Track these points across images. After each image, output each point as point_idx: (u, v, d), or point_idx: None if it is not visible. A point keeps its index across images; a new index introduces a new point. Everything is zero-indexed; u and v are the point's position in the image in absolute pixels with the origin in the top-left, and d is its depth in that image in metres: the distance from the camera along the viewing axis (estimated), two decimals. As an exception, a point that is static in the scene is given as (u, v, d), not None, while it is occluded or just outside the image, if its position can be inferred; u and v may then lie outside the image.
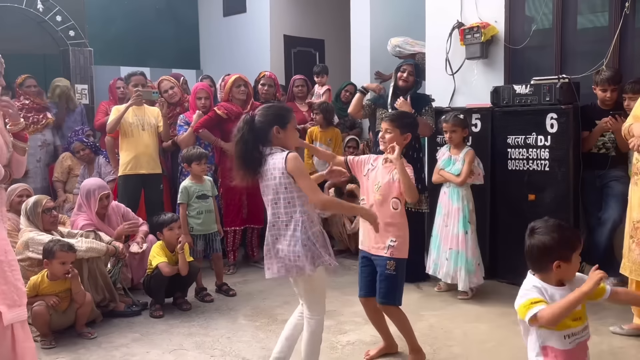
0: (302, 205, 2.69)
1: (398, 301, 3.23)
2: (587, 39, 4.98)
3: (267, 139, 2.72)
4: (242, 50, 8.27)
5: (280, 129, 2.73)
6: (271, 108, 2.83)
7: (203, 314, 4.22)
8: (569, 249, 2.10)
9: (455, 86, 5.53)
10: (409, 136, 3.28)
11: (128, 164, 5.08)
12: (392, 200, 3.15)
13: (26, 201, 4.15)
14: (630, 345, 3.45)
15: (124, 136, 5.11)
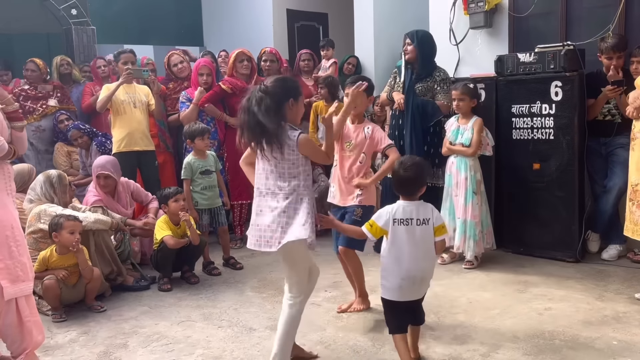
0: (305, 179, 2.73)
1: (359, 247, 3.53)
2: (592, 4, 4.90)
3: (279, 111, 2.67)
4: (245, 26, 8.21)
5: (294, 101, 2.73)
6: (286, 80, 2.82)
7: (211, 287, 4.28)
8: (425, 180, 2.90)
9: (460, 56, 5.48)
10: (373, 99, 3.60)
11: (122, 141, 5.07)
12: (361, 155, 3.56)
13: (47, 173, 4.20)
14: (635, 310, 3.46)
15: (116, 114, 5.09)
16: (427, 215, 2.78)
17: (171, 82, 5.71)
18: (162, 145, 5.56)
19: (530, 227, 4.59)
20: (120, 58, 5.31)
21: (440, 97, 4.70)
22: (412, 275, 2.77)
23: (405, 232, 2.76)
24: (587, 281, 4.01)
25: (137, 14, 8.28)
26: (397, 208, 2.79)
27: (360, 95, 3.34)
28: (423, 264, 2.80)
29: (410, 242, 2.76)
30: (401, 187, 2.83)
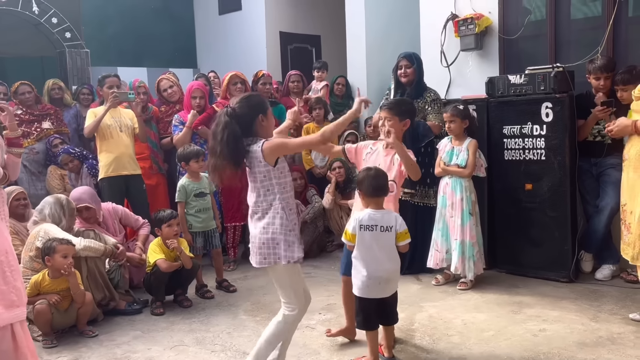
0: (282, 192, 2.74)
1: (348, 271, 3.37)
2: (580, 28, 4.98)
3: (251, 130, 2.74)
4: (238, 48, 8.30)
5: (264, 116, 2.76)
6: (252, 97, 2.84)
7: (204, 311, 4.24)
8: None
9: (451, 78, 5.54)
10: (408, 122, 3.41)
11: (110, 166, 5.05)
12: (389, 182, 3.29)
13: (57, 196, 4.21)
14: (630, 331, 3.46)
15: (102, 139, 5.06)
16: (390, 223, 3.01)
17: (163, 106, 5.73)
18: (154, 167, 5.56)
19: (523, 247, 4.59)
20: (105, 82, 5.29)
21: (432, 118, 4.74)
22: (377, 275, 3.01)
23: (370, 237, 3.00)
24: (581, 301, 4.01)
25: (131, 36, 8.35)
26: (363, 215, 3.02)
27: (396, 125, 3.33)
28: (387, 266, 3.03)
29: (375, 246, 3.01)
30: (375, 192, 3.03)
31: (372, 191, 3.03)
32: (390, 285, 3.07)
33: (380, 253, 3.01)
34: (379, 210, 3.03)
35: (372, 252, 3.01)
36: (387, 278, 3.04)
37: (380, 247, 3.01)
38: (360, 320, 3.13)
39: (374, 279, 3.01)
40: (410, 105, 3.57)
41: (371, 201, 3.05)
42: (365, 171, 3.10)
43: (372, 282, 3.01)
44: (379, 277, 3.01)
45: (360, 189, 3.09)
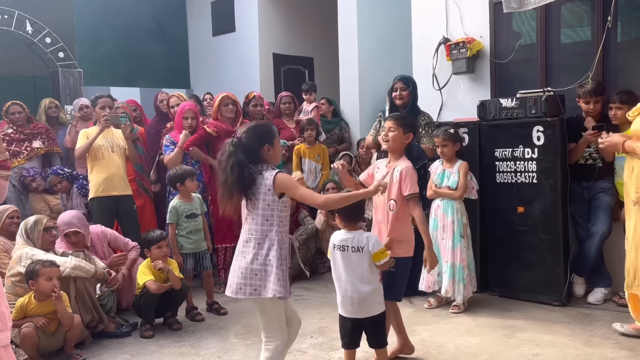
0: (279, 225, 2.72)
1: (395, 297, 3.37)
2: (570, 52, 5.04)
3: (257, 159, 2.74)
4: (232, 69, 8.33)
5: (270, 146, 2.77)
6: (258, 127, 2.83)
7: (194, 334, 4.19)
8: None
9: (443, 101, 5.58)
10: (411, 136, 3.43)
11: (100, 186, 5.00)
12: (389, 201, 3.33)
13: (26, 220, 4.13)
14: (623, 356, 3.44)
15: (93, 159, 5.03)
16: (361, 243, 3.02)
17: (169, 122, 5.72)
18: (140, 189, 5.52)
19: (516, 270, 4.58)
20: (97, 103, 5.28)
21: (426, 141, 4.76)
22: (349, 295, 3.04)
23: (341, 257, 3.05)
24: (574, 325, 3.99)
25: (125, 56, 8.37)
26: (337, 236, 3.10)
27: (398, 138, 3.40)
28: (359, 287, 3.02)
29: (346, 266, 3.05)
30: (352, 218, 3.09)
31: (348, 217, 3.08)
32: (366, 306, 3.06)
33: (351, 274, 3.03)
34: (352, 232, 3.06)
35: (343, 272, 3.05)
36: (359, 299, 3.03)
37: (352, 267, 3.03)
38: (342, 338, 3.20)
39: (346, 298, 3.06)
40: (415, 122, 3.60)
41: (348, 224, 3.09)
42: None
43: (345, 301, 3.07)
44: (351, 297, 3.03)
45: (337, 211, 3.10)
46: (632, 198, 3.53)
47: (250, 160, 2.72)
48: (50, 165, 5.94)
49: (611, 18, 4.47)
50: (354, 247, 3.03)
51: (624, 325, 3.78)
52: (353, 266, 3.03)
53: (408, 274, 3.42)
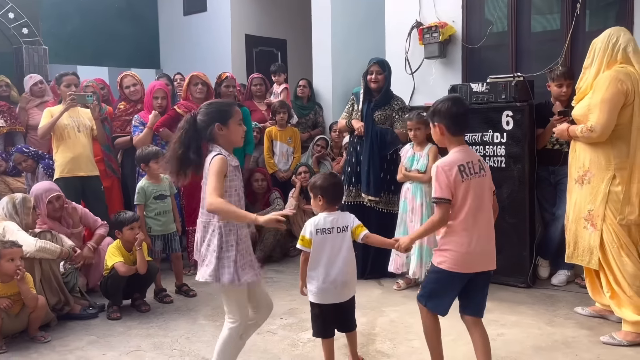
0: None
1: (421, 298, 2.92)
2: (540, 39, 5.12)
3: (211, 137, 2.70)
4: (203, 50, 8.20)
5: (222, 125, 2.70)
6: (212, 105, 2.79)
7: (162, 315, 4.15)
8: None
9: (415, 85, 5.60)
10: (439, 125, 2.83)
11: (66, 166, 4.89)
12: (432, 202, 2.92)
13: (12, 195, 4.08)
14: (583, 335, 3.55)
15: (59, 139, 4.91)
16: (346, 222, 2.99)
17: (122, 103, 5.58)
18: (107, 170, 5.42)
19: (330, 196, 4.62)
20: (62, 80, 5.12)
21: (399, 126, 4.78)
22: (334, 279, 2.94)
23: (327, 240, 2.96)
24: (538, 306, 4.09)
25: (92, 34, 8.15)
26: (319, 219, 3.00)
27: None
28: (344, 268, 2.96)
29: (331, 249, 2.96)
30: (337, 200, 3.06)
31: (333, 199, 3.02)
32: (347, 289, 3.02)
33: (337, 256, 2.96)
34: (333, 213, 3.02)
35: (328, 255, 2.96)
36: (344, 281, 2.98)
37: (337, 249, 2.96)
38: (317, 328, 3.08)
39: (331, 283, 2.94)
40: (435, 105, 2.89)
41: (329, 207, 3.02)
42: (329, 178, 3.06)
43: (328, 286, 2.95)
44: (335, 280, 2.94)
45: (321, 194, 3.01)
46: (574, 177, 3.67)
47: (202, 138, 2.68)
48: (13, 145, 5.78)
49: (580, 5, 4.54)
50: (339, 228, 2.97)
51: (584, 308, 3.89)
52: (338, 247, 2.97)
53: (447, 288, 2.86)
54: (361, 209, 4.71)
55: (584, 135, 3.52)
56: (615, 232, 3.48)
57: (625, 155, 3.46)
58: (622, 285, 3.43)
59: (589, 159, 3.59)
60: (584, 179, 3.62)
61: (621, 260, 3.45)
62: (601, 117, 3.42)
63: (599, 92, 3.45)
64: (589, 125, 3.48)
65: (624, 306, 3.42)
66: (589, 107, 3.51)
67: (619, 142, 3.46)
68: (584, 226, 3.63)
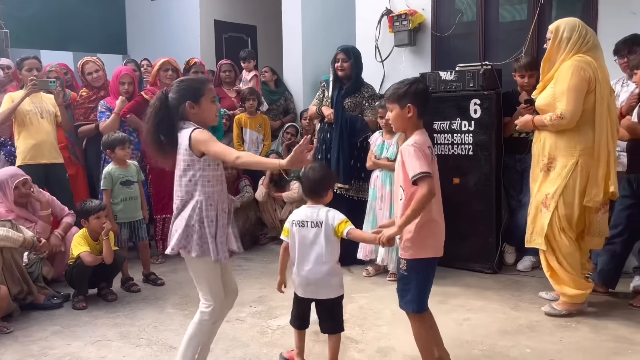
0: (204, 185, 2.61)
1: (409, 306, 2.79)
2: (507, 28, 5.18)
3: (182, 116, 2.65)
4: (171, 35, 8.06)
5: (194, 103, 2.64)
6: (183, 82, 2.73)
7: (129, 304, 4.10)
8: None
9: (385, 73, 5.61)
10: (411, 107, 2.68)
11: (28, 153, 4.74)
12: (399, 188, 2.75)
13: None
14: (547, 319, 3.63)
15: (20, 125, 4.76)
16: (320, 218, 2.83)
17: (84, 90, 5.43)
18: (72, 157, 5.29)
19: (451, 239, 4.62)
20: (23, 65, 4.97)
21: (369, 113, 4.79)
22: (304, 275, 2.87)
23: (299, 234, 2.87)
24: (504, 292, 4.17)
25: (56, 18, 7.92)
26: (299, 211, 2.93)
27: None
28: (315, 267, 2.83)
29: (302, 244, 2.86)
30: (309, 194, 2.92)
31: (307, 193, 2.94)
32: (321, 288, 2.87)
33: (309, 251, 2.85)
34: (314, 206, 2.89)
35: (300, 249, 2.87)
36: (315, 280, 2.85)
37: (309, 244, 2.85)
38: (291, 317, 3.06)
39: (301, 278, 2.88)
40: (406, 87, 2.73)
41: (310, 199, 2.93)
42: (308, 170, 2.91)
43: (301, 280, 2.89)
44: (306, 277, 2.86)
45: (302, 185, 3.00)
46: (539, 166, 3.76)
47: (173, 117, 2.63)
48: None
49: (545, -4, 4.60)
50: (312, 223, 2.83)
51: (548, 293, 3.99)
52: (309, 243, 2.84)
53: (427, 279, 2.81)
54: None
55: (553, 123, 3.58)
56: (560, 216, 3.64)
57: (590, 140, 3.55)
58: (563, 263, 3.66)
59: (554, 147, 3.66)
60: (549, 167, 3.70)
61: (560, 240, 3.65)
62: (569, 104, 3.50)
63: (563, 81, 3.52)
64: (559, 112, 3.54)
65: (563, 283, 3.66)
66: (554, 96, 3.57)
67: (585, 127, 3.55)
68: (540, 210, 3.74)
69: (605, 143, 3.55)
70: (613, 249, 3.94)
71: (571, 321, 3.59)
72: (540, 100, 3.74)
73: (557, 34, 3.61)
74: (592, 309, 3.77)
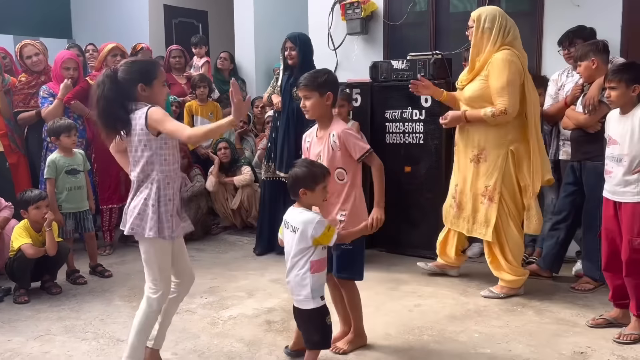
0: (161, 164, 2.57)
1: (356, 276, 2.99)
2: (457, 18, 5.23)
3: (131, 97, 2.58)
4: (118, 20, 7.80)
5: (145, 86, 2.58)
6: (135, 64, 2.66)
7: (75, 297, 3.97)
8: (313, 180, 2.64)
9: (338, 61, 5.60)
10: (331, 95, 2.91)
11: None
12: (336, 170, 2.89)
13: None
14: (494, 304, 3.73)
15: None
16: (297, 224, 2.61)
17: (23, 75, 5.18)
18: (12, 145, 5.05)
19: (402, 227, 4.77)
20: None
21: None
22: (288, 279, 2.71)
23: (285, 235, 2.72)
24: (453, 278, 4.25)
25: (-6, -2, 7.55)
26: (290, 209, 2.74)
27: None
28: (290, 272, 2.67)
29: (286, 244, 2.72)
30: (291, 186, 2.69)
31: (289, 188, 2.71)
32: (294, 295, 2.67)
33: (288, 255, 2.68)
34: (297, 208, 2.68)
35: (286, 249, 2.70)
36: (290, 285, 2.68)
37: (288, 248, 2.68)
38: None
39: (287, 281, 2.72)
40: (327, 76, 2.96)
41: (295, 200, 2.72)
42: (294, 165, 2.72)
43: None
44: (288, 281, 2.69)
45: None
46: (469, 157, 3.87)
47: (123, 97, 2.55)
48: None
49: (495, -13, 4.67)
50: (291, 226, 2.65)
51: (427, 264, 4.29)
52: (289, 246, 2.67)
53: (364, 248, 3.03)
54: (280, 185, 4.67)
55: (497, 119, 3.65)
56: (507, 204, 3.77)
57: (518, 129, 3.73)
58: (506, 253, 3.80)
59: (483, 139, 3.78)
60: (479, 157, 3.81)
61: (509, 229, 3.79)
62: (510, 98, 3.61)
63: (500, 76, 3.62)
64: (502, 108, 3.62)
65: (503, 270, 3.82)
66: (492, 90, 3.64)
67: (515, 118, 3.69)
68: (480, 201, 3.85)
69: (536, 132, 3.72)
70: (557, 234, 4.08)
71: (517, 305, 3.69)
72: (469, 91, 3.81)
73: (479, 23, 3.71)
74: (534, 294, 3.89)
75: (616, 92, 3.11)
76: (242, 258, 4.92)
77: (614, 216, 3.19)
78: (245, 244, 5.32)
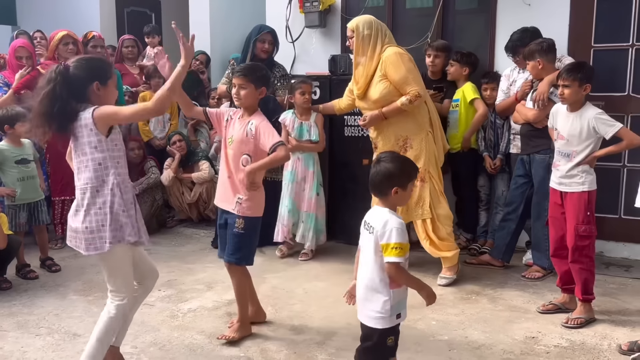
0: (116, 167, 2.46)
1: (244, 260, 3.11)
2: (414, 13, 5.33)
3: (84, 96, 2.45)
4: (67, 6, 7.53)
5: (101, 85, 2.48)
6: (91, 61, 2.56)
7: (26, 292, 3.85)
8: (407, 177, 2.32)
9: (296, 54, 5.59)
10: (264, 90, 3.13)
11: None
12: (242, 156, 3.04)
13: None
14: (449, 292, 3.85)
15: None
16: (373, 222, 2.28)
17: None
18: None
19: (360, 219, 4.79)
20: None
21: (281, 93, 4.77)
22: (357, 284, 2.40)
23: (361, 235, 2.41)
24: (410, 268, 4.30)
25: None
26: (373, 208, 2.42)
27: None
28: (362, 274, 2.34)
29: (362, 247, 2.40)
30: (370, 188, 2.37)
31: (369, 186, 2.38)
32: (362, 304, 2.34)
33: (362, 257, 2.38)
34: (377, 207, 2.36)
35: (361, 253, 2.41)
36: (360, 293, 2.35)
37: (363, 249, 2.37)
38: None
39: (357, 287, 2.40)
40: (265, 72, 3.24)
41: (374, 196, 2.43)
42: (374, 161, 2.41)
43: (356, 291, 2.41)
44: (358, 286, 2.38)
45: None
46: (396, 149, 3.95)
47: (73, 95, 2.42)
48: None
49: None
50: (368, 224, 2.32)
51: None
52: (364, 248, 2.36)
53: (257, 235, 3.17)
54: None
55: (414, 104, 3.83)
56: (435, 180, 3.99)
57: (426, 113, 3.99)
58: (439, 229, 3.98)
59: (404, 129, 3.95)
60: (406, 147, 3.96)
61: (439, 205, 3.98)
62: (417, 83, 3.85)
63: (398, 69, 3.80)
64: (415, 93, 3.80)
65: (441, 249, 3.99)
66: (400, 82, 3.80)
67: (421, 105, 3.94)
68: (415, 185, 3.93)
69: (434, 110, 4.10)
70: (508, 225, 4.24)
71: (471, 294, 3.82)
72: (376, 94, 3.91)
73: (358, 31, 3.90)
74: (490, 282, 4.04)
75: (569, 90, 3.26)
76: (200, 251, 4.88)
77: (560, 205, 3.37)
78: (202, 237, 5.27)
